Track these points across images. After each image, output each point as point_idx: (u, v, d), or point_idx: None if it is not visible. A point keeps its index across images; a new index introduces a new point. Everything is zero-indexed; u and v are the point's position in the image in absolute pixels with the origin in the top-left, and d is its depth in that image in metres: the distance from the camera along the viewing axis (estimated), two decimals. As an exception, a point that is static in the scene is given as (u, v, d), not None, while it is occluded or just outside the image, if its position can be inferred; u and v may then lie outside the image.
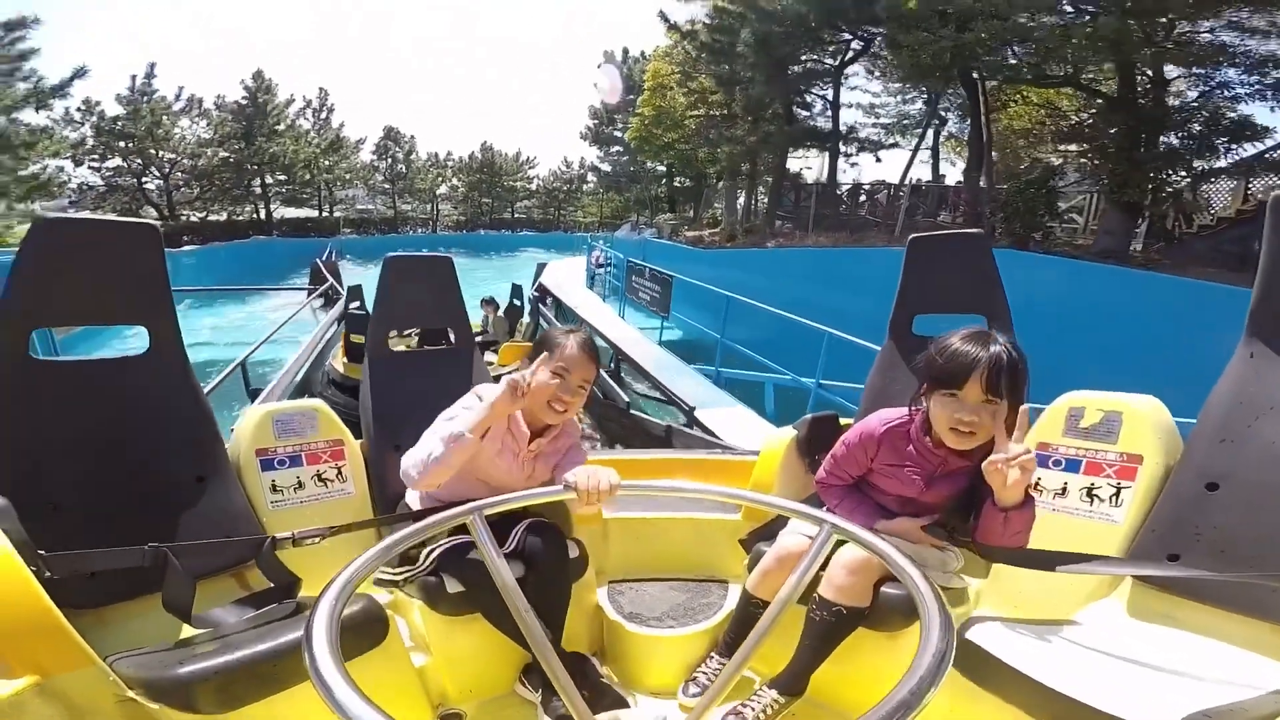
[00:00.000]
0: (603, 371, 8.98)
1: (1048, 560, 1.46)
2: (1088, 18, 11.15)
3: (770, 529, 1.87)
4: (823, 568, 1.63)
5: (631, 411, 7.19)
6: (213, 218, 29.90)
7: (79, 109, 24.42)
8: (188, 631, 1.54)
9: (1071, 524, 1.69)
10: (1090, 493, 1.70)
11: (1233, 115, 11.50)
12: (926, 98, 17.24)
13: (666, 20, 21.89)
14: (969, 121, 14.86)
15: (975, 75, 13.57)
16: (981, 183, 14.15)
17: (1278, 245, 1.52)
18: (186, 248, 22.96)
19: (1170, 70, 11.85)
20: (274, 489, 1.92)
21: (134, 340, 1.74)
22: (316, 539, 1.64)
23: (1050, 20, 11.45)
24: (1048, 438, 1.79)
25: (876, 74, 17.92)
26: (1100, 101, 13.10)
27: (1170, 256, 11.42)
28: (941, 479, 1.65)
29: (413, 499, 1.84)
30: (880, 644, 1.64)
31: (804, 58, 17.43)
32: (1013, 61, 12.70)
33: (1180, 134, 11.67)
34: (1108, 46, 10.98)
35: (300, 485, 1.96)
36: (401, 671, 1.62)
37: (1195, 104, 11.73)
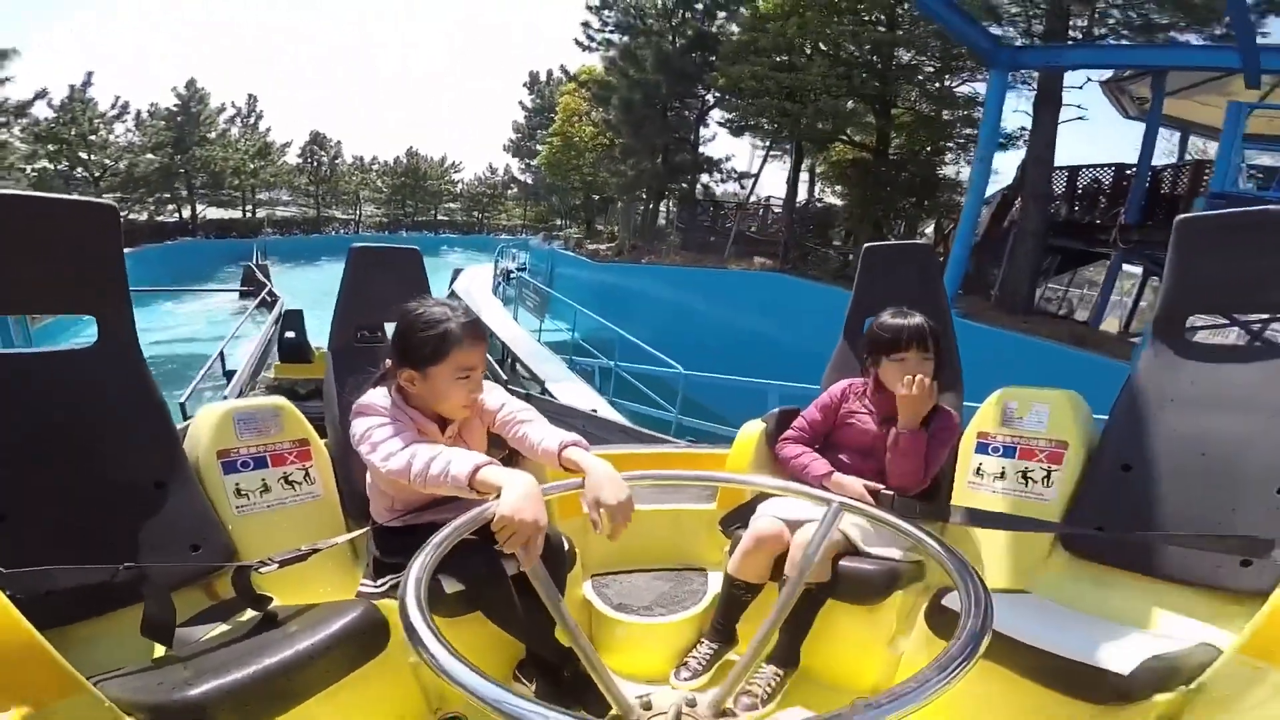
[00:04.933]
0: (489, 357, 9.87)
1: (996, 520, 1.51)
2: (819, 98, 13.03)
3: (742, 513, 1.77)
4: (784, 555, 1.60)
5: (508, 386, 8.25)
6: (133, 217, 26.73)
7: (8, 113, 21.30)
8: (159, 650, 1.26)
9: (1010, 503, 1.70)
10: (1025, 475, 1.71)
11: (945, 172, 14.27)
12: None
13: (566, 73, 25.12)
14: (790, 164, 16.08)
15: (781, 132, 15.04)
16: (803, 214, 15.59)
17: (1178, 263, 1.58)
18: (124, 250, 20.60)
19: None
20: (238, 493, 1.61)
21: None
22: (296, 561, 1.39)
23: (794, 106, 13.26)
24: (986, 427, 1.79)
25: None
26: (857, 156, 14.96)
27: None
28: (893, 424, 1.70)
29: (377, 506, 1.55)
30: (861, 617, 1.59)
31: (670, 110, 18.63)
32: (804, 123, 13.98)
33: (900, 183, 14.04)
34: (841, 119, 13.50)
35: (266, 488, 1.65)
36: (401, 677, 1.41)
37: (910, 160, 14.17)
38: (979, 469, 1.79)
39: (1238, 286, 1.53)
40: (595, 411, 6.84)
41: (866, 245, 2.10)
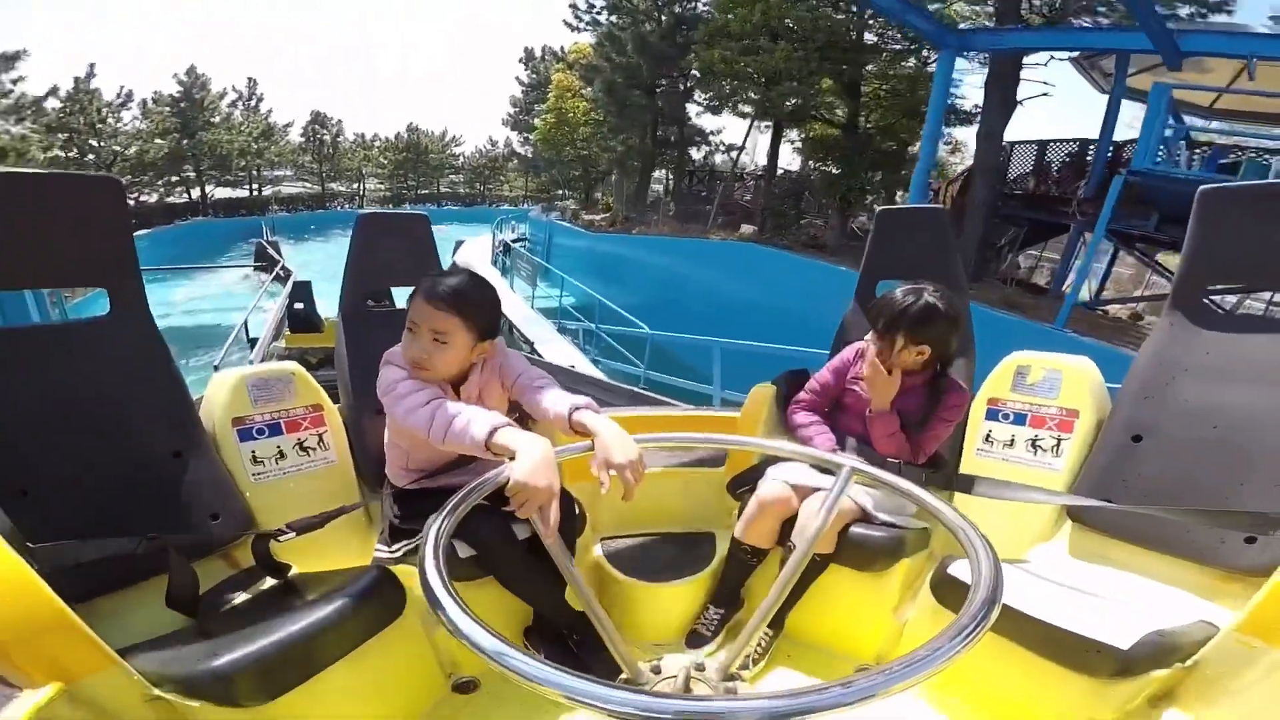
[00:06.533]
0: None
1: (1004, 489, 1.44)
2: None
3: (751, 476, 1.70)
4: (791, 519, 1.54)
5: None
6: (145, 199, 26.60)
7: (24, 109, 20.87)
8: (184, 620, 1.23)
9: (1019, 471, 1.63)
10: (1035, 444, 1.64)
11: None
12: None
13: (554, 54, 24.81)
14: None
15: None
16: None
17: (1198, 233, 1.48)
18: (140, 232, 20.42)
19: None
20: (254, 460, 1.55)
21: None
22: (314, 528, 1.36)
23: (761, 89, 13.27)
24: (997, 393, 1.72)
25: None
26: (826, 133, 14.82)
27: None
28: (897, 394, 1.59)
29: (393, 467, 1.49)
30: (865, 583, 1.53)
31: (657, 88, 18.26)
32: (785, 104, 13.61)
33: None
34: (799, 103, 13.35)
35: (282, 455, 1.59)
36: (417, 643, 1.36)
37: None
38: (989, 435, 1.72)
39: (1258, 258, 1.44)
40: (573, 367, 7.27)
41: (880, 209, 1.98)
